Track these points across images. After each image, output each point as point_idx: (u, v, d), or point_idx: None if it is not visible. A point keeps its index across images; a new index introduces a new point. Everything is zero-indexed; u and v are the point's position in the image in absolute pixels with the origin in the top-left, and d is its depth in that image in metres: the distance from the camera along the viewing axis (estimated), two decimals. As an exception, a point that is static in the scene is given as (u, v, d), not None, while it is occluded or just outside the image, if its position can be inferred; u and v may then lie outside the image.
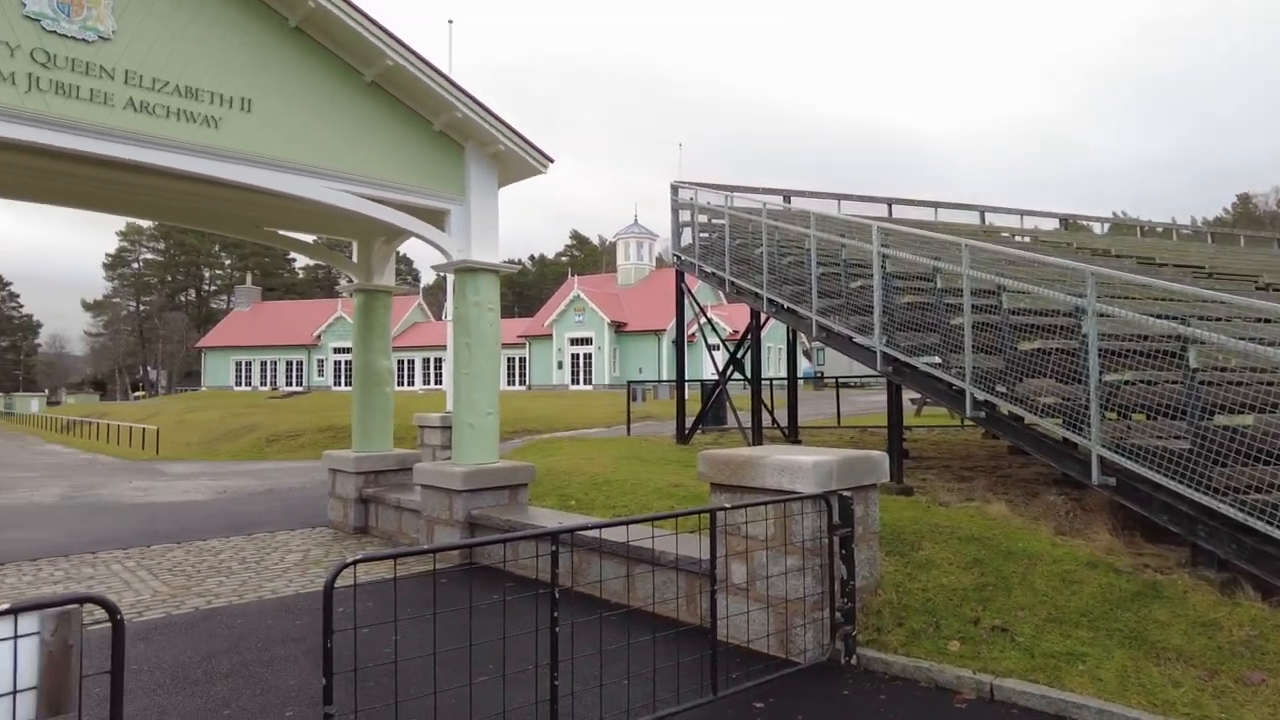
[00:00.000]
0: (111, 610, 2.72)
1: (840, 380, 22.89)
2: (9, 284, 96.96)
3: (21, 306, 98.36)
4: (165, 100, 6.94)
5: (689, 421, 14.92)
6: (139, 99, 6.79)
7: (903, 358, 8.79)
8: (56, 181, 8.63)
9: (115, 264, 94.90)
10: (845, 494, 5.44)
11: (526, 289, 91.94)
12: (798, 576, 5.37)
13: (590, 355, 50.95)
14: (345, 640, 3.58)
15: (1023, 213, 19.02)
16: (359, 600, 4.54)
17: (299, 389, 58.36)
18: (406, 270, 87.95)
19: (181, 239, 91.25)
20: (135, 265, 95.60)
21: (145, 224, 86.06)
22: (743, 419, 14.32)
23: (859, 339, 9.56)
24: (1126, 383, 6.86)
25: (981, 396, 7.72)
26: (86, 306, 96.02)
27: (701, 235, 15.20)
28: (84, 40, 6.51)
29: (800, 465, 5.34)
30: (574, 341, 51.68)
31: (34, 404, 69.45)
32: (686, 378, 15.57)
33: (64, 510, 12.60)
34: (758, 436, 12.98)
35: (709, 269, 14.31)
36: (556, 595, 3.92)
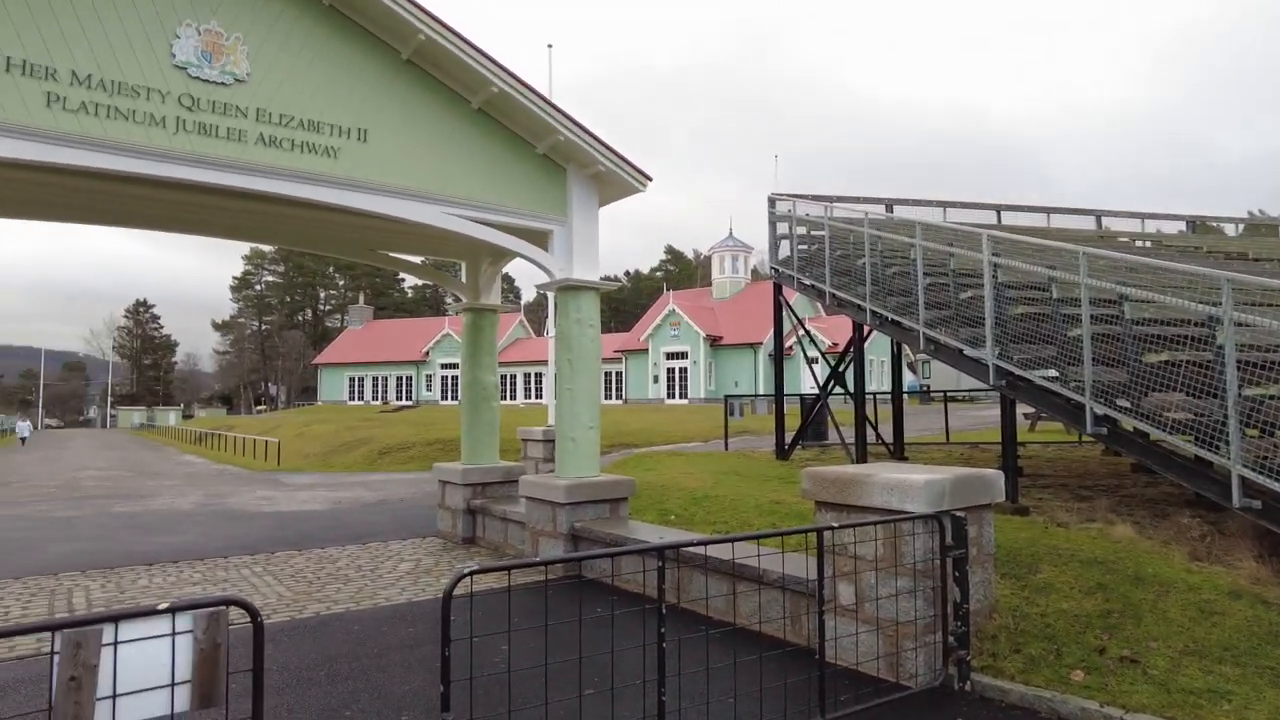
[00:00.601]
0: (253, 613, 2.91)
1: (948, 394, 22.08)
2: (152, 307, 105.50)
3: (161, 328, 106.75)
4: (290, 134, 7.42)
5: (789, 437, 14.71)
6: (268, 134, 7.29)
7: (1017, 371, 8.42)
8: (192, 213, 9.37)
9: (240, 286, 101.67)
10: (958, 514, 5.25)
11: (622, 304, 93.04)
12: (908, 598, 5.21)
13: (685, 369, 50.99)
14: (458, 649, 3.70)
15: (1143, 216, 17.90)
16: (466, 609, 4.69)
17: (408, 403, 60.82)
18: (508, 288, 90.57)
19: (300, 262, 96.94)
20: (258, 287, 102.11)
21: (267, 249, 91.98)
22: (845, 434, 14.01)
23: (970, 352, 9.22)
24: (1271, 398, 6.35)
25: (1102, 411, 7.31)
26: (216, 326, 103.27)
27: (800, 247, 15.03)
28: (222, 83, 7.05)
29: (911, 484, 5.20)
30: (669, 356, 51.86)
31: (171, 417, 74.98)
32: (785, 392, 15.36)
33: (199, 517, 13.54)
34: (862, 453, 12.66)
35: (808, 281, 14.12)
36: (663, 611, 3.94)
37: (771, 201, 15.91)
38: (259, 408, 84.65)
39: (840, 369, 14.31)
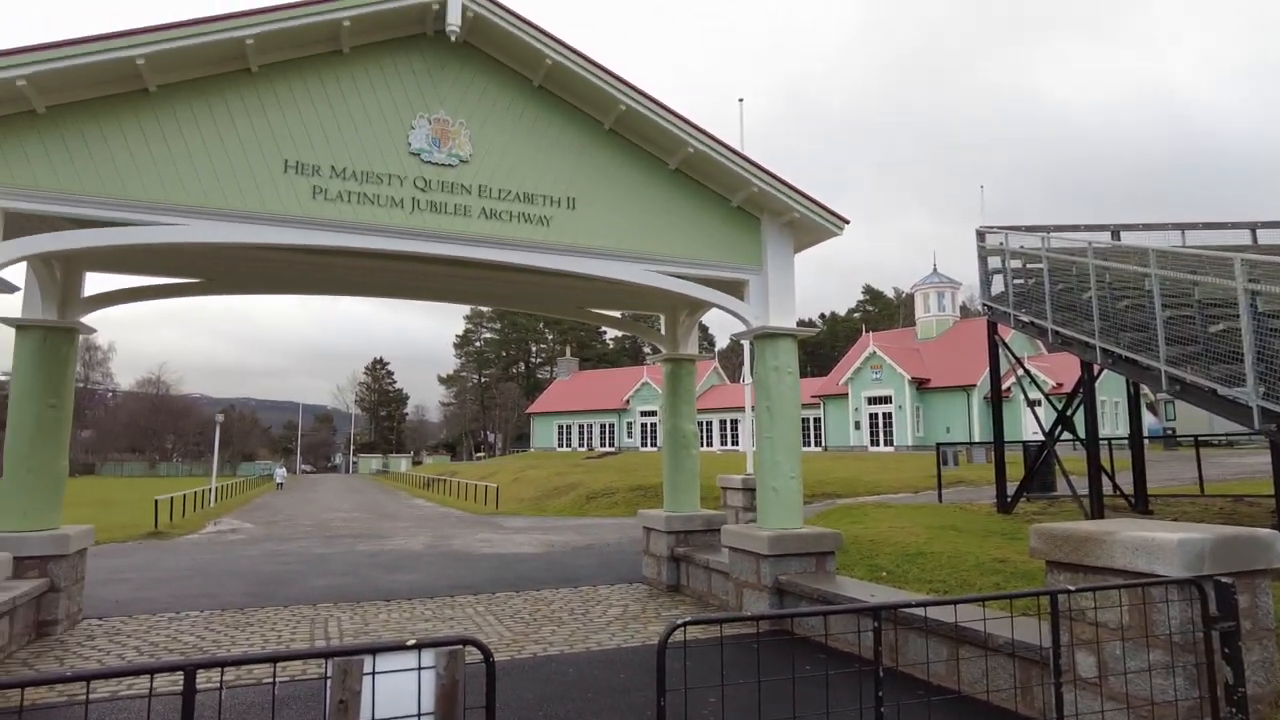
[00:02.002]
0: (486, 653, 3.14)
1: (1199, 439, 19.43)
2: (387, 364, 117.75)
3: (395, 382, 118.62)
4: (508, 207, 8.13)
5: (1011, 488, 13.59)
6: (489, 208, 8.03)
7: (1291, 414, 7.29)
8: (421, 281, 10.49)
9: (462, 343, 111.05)
10: (1223, 580, 4.59)
11: (818, 347, 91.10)
12: (1164, 675, 4.60)
13: (890, 414, 48.74)
14: (670, 699, 3.75)
15: None
16: (675, 658, 4.74)
17: (610, 449, 62.94)
18: (702, 335, 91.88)
19: (514, 319, 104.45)
20: (478, 344, 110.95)
21: (485, 309, 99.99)
22: (1075, 485, 12.72)
23: (1225, 391, 8.12)
24: None
25: None
26: (441, 380, 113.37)
27: (1015, 281, 14.07)
28: (449, 165, 7.89)
29: (1161, 544, 4.63)
30: (871, 400, 49.88)
31: (403, 463, 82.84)
32: (1005, 438, 14.26)
33: (429, 557, 14.75)
34: (1097, 507, 11.43)
35: (1026, 318, 13.15)
36: (880, 674, 3.77)
37: (980, 235, 15.06)
38: (478, 454, 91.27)
39: (1068, 412, 13.09)
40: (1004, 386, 15.80)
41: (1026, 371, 14.64)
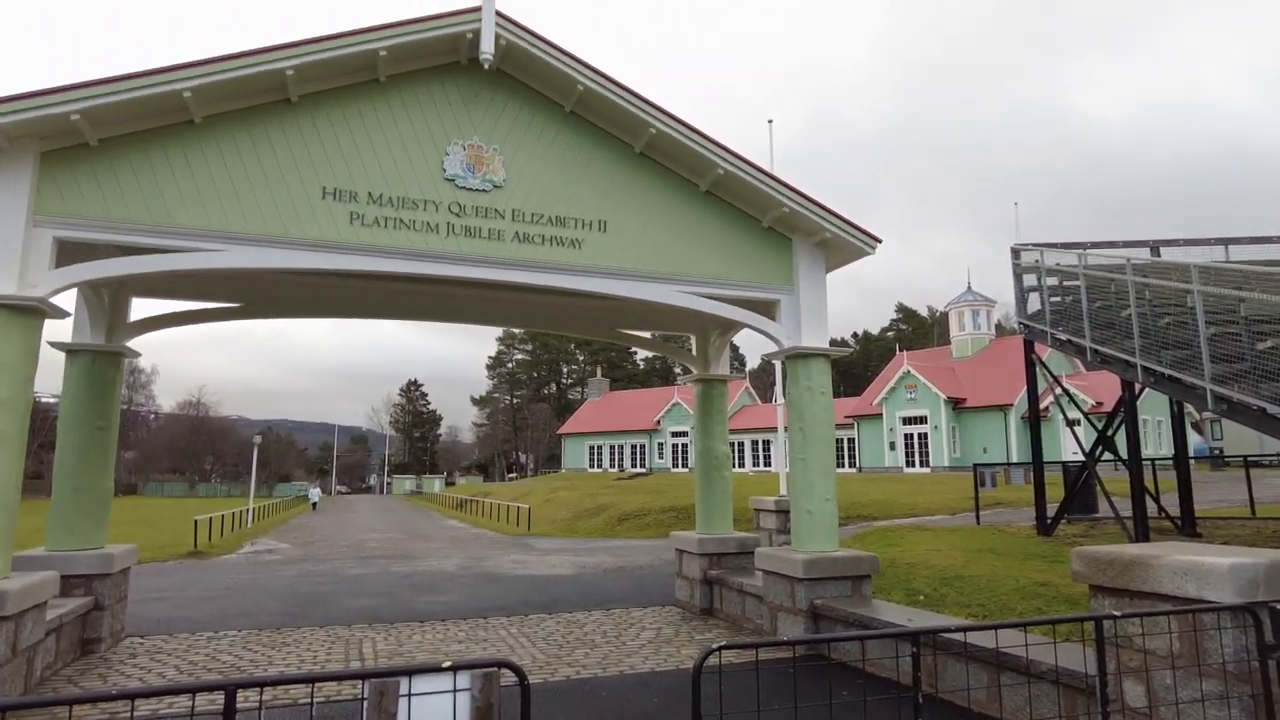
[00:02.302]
0: (521, 675, 3.14)
1: (1249, 460, 18.86)
2: (421, 385, 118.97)
3: (429, 404, 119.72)
4: (541, 230, 8.22)
5: (1051, 509, 13.30)
6: (521, 232, 8.13)
7: (1345, 434, 7.06)
8: (455, 304, 10.63)
9: (495, 365, 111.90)
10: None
11: (851, 367, 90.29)
12: (1219, 705, 4.44)
13: (925, 435, 48.04)
14: (707, 725, 3.70)
15: None
16: (710, 683, 4.69)
17: (642, 470, 62.81)
18: (732, 355, 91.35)
19: (545, 341, 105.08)
20: (509, 365, 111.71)
21: (517, 330, 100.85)
22: (1118, 507, 12.41)
23: (1275, 410, 7.89)
24: None
25: None
26: (474, 401, 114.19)
27: (1052, 299, 13.84)
28: (483, 190, 8.01)
29: (1211, 568, 4.49)
30: (906, 421, 49.23)
31: (436, 484, 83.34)
32: (1044, 458, 13.98)
33: (462, 578, 14.80)
34: (1142, 529, 11.13)
35: (1063, 336, 12.93)
36: (920, 700, 3.70)
37: (1015, 252, 14.86)
38: (510, 475, 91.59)
39: (1109, 432, 12.81)
40: (1042, 406, 15.52)
41: (1065, 390, 14.36)
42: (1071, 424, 14.79)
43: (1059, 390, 14.46)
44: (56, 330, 8.73)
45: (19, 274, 6.51)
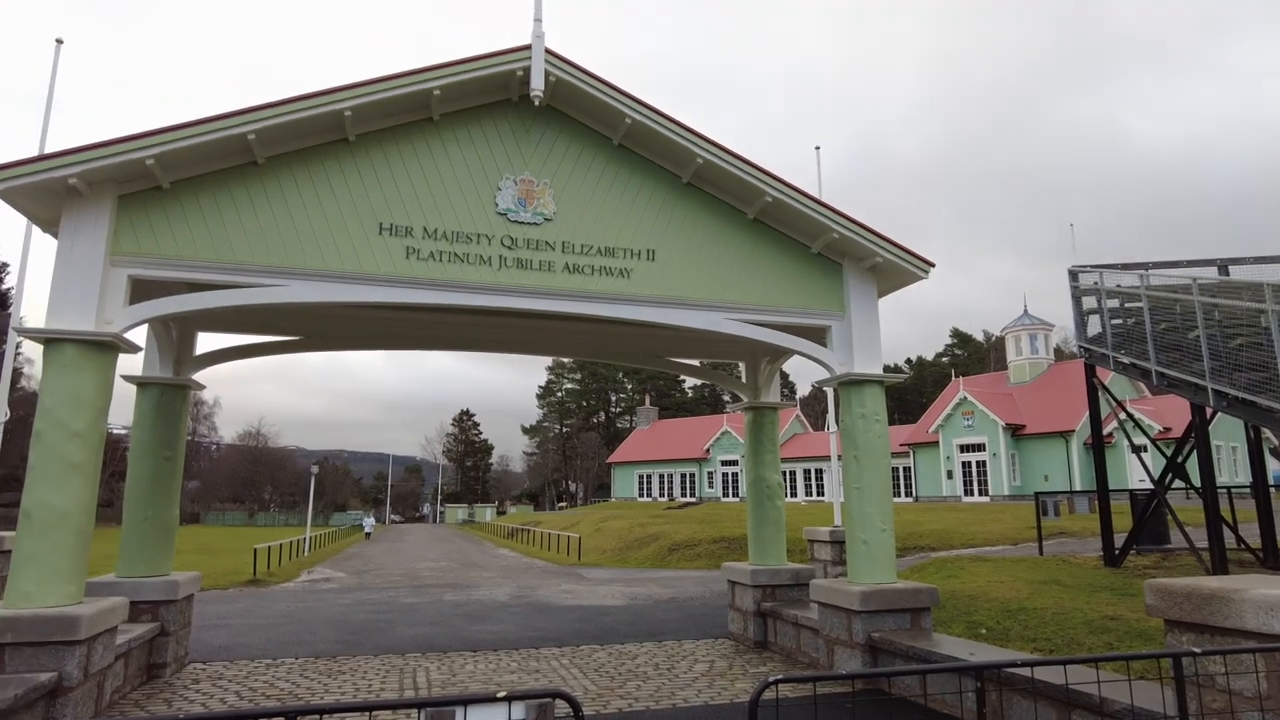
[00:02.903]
0: (575, 706, 3.12)
1: (1334, 487, 17.89)
2: (473, 415, 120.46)
3: (481, 433, 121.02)
4: (590, 261, 8.31)
5: (1118, 540, 12.79)
6: (571, 263, 8.23)
7: None
8: (506, 334, 10.78)
9: (545, 394, 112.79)
10: (1373, 644, 4.18)
11: (906, 394, 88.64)
12: (1311, 750, 4.18)
13: (984, 462, 46.77)
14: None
15: None
16: (766, 717, 4.58)
17: (692, 499, 62.34)
18: (782, 382, 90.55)
19: (594, 369, 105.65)
20: (559, 394, 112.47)
21: (567, 360, 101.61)
22: (1192, 537, 11.88)
23: (1361, 437, 7.49)
24: None
25: None
26: (524, 430, 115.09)
27: (1113, 322, 13.45)
28: (534, 223, 8.15)
29: (1296, 603, 4.26)
30: (963, 448, 48.02)
31: (488, 513, 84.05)
32: (1109, 486, 13.48)
33: (514, 608, 14.81)
34: (1219, 561, 10.62)
35: (1126, 359, 12.53)
36: (986, 740, 3.56)
37: (1073, 274, 14.51)
38: (560, 504, 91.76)
39: (1179, 459, 12.30)
40: (1105, 431, 15.00)
41: (1129, 415, 13.88)
42: (1138, 450, 14.26)
43: (1123, 415, 13.98)
44: (128, 364, 9.10)
45: (96, 311, 6.82)
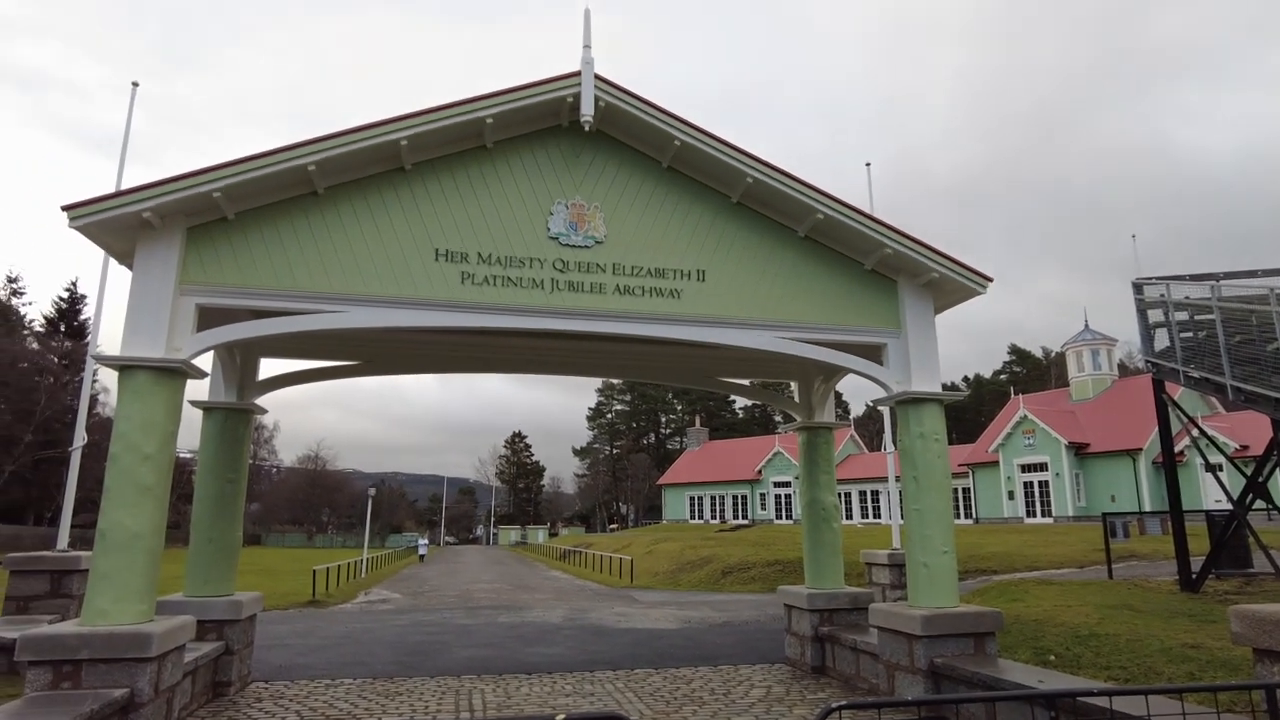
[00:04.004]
0: (635, 733, 3.08)
1: None
2: (525, 437, 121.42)
3: (533, 455, 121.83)
4: (641, 282, 8.34)
5: (1195, 563, 12.22)
6: (622, 284, 8.27)
7: None
8: (557, 356, 10.91)
9: (595, 416, 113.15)
10: None
11: (963, 413, 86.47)
12: None
13: (1046, 482, 45.31)
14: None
15: None
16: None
17: (744, 522, 61.67)
18: (836, 402, 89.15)
19: (643, 391, 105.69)
20: (609, 416, 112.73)
21: (616, 381, 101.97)
22: (1278, 560, 11.28)
23: None
24: None
25: None
26: (575, 452, 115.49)
27: (1183, 335, 12.96)
28: (585, 246, 8.22)
29: (1398, 631, 4.00)
30: (1025, 468, 46.62)
31: (540, 535, 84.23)
32: (1183, 507, 12.91)
33: (567, 630, 14.78)
34: (1305, 584, 10.06)
35: (1197, 374, 12.05)
36: (1062, 773, 3.40)
37: (1137, 287, 14.04)
38: (612, 526, 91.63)
39: (1260, 478, 11.73)
40: (1177, 449, 14.38)
41: (1202, 432, 13.28)
42: (1213, 469, 13.66)
43: (1196, 432, 13.41)
44: (194, 390, 9.40)
45: (166, 339, 7.08)
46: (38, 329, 60.04)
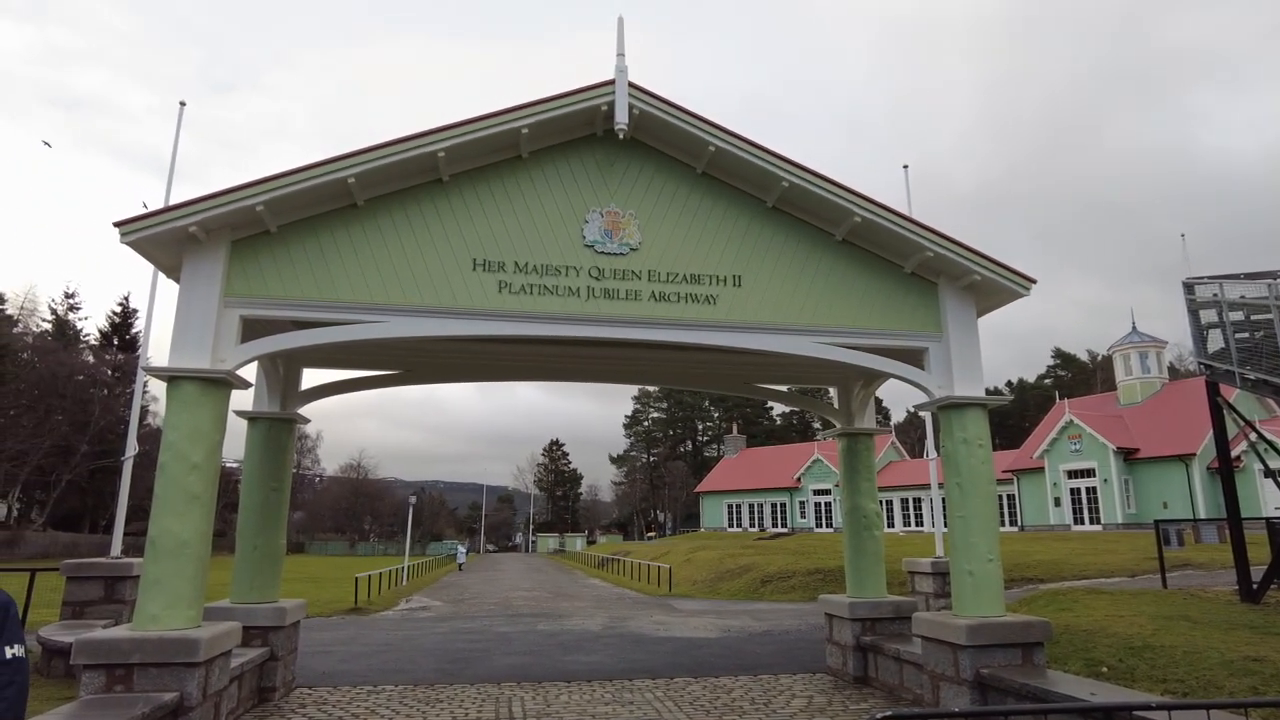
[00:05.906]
0: (675, 743, 3.04)
1: None
2: (563, 445, 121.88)
3: (570, 463, 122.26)
4: (676, 288, 8.31)
5: (1255, 572, 11.79)
6: (657, 291, 8.26)
7: None
8: (595, 363, 10.87)
9: (631, 424, 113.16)
10: None
11: (1007, 418, 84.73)
12: None
13: (1094, 489, 44.13)
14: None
15: None
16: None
17: (783, 530, 61.06)
18: (875, 408, 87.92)
19: (680, 398, 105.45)
20: (646, 423, 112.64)
21: (653, 389, 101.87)
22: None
23: None
24: None
25: None
26: (612, 460, 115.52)
27: (1238, 336, 12.53)
28: (620, 254, 8.23)
29: None
30: (1071, 474, 45.47)
31: (578, 542, 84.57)
32: (1241, 514, 12.47)
33: (606, 639, 14.76)
34: (1373, 595, 9.63)
35: (1254, 376, 11.63)
36: (1119, 789, 3.28)
37: (1189, 287, 13.63)
38: (649, 534, 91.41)
39: (1321, 485, 11.28)
40: (1233, 454, 13.89)
41: (1261, 436, 12.83)
42: (1273, 474, 13.16)
43: (1254, 437, 12.95)
44: (239, 400, 9.59)
45: (212, 350, 7.24)
46: (93, 342, 62.01)
